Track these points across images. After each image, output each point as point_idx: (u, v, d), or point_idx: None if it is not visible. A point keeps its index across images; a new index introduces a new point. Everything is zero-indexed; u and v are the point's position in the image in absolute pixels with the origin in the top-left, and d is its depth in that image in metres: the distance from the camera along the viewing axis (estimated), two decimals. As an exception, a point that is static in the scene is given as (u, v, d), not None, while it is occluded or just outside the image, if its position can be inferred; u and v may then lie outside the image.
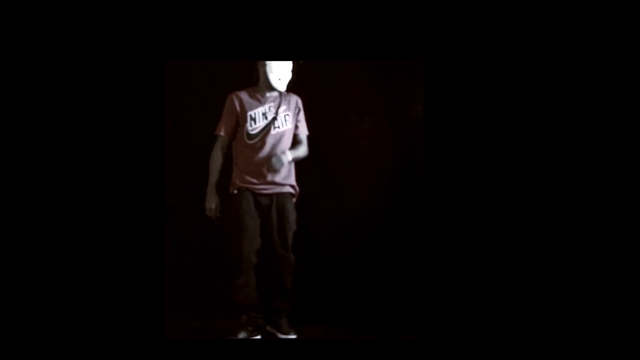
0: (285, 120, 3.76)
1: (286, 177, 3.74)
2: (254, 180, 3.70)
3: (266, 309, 3.77)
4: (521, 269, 3.30)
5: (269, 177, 3.70)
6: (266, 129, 3.73)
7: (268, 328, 3.75)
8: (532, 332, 3.28)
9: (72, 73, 3.29)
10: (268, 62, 3.71)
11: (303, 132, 3.83)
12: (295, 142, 3.81)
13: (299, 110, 3.82)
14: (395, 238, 4.03)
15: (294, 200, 3.80)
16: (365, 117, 4.13)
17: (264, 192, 3.71)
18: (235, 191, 3.72)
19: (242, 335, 3.64)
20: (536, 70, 3.31)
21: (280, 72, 3.72)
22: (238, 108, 3.73)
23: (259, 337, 3.68)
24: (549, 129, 3.31)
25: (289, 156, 3.70)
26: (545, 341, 3.28)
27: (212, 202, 3.72)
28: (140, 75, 3.32)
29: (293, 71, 3.78)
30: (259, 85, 3.77)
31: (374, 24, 3.37)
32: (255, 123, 3.71)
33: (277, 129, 3.73)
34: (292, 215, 3.75)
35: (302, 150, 3.80)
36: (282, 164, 3.66)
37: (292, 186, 3.78)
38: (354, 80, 4.11)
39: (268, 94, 3.76)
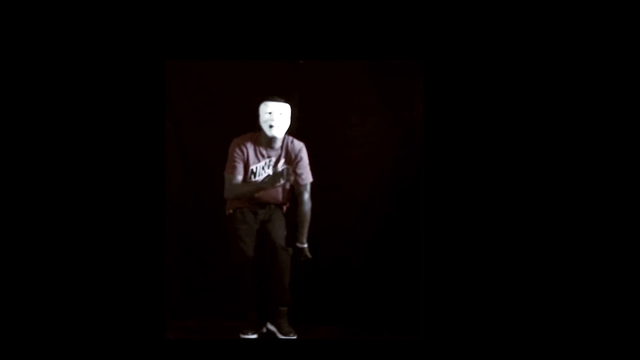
0: (287, 177, 3.78)
1: (277, 198, 3.81)
2: (250, 203, 3.78)
3: (267, 309, 3.78)
4: (521, 268, 3.30)
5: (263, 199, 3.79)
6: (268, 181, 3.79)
7: (269, 326, 3.75)
8: (532, 332, 3.28)
9: (73, 73, 3.29)
10: (263, 107, 3.69)
11: (306, 179, 3.80)
12: (298, 192, 3.80)
13: (300, 160, 3.78)
14: (395, 238, 4.02)
15: (284, 210, 3.86)
16: (365, 117, 4.13)
17: (258, 207, 3.79)
18: (231, 211, 3.78)
19: (248, 335, 3.67)
20: (536, 70, 3.31)
21: (272, 119, 3.68)
22: (245, 157, 3.74)
23: (254, 336, 3.69)
24: (548, 129, 3.31)
25: (305, 247, 3.80)
26: (545, 341, 3.28)
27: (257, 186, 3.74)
28: (140, 75, 3.33)
29: (293, 117, 3.75)
30: (261, 136, 3.74)
31: (374, 24, 3.37)
32: (255, 177, 3.75)
33: (276, 185, 3.77)
34: (282, 220, 3.81)
35: (306, 213, 3.80)
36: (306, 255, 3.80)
37: (283, 202, 3.85)
38: (354, 81, 4.10)
39: (269, 146, 3.75)
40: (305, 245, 3.80)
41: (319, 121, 3.97)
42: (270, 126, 3.69)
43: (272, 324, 3.74)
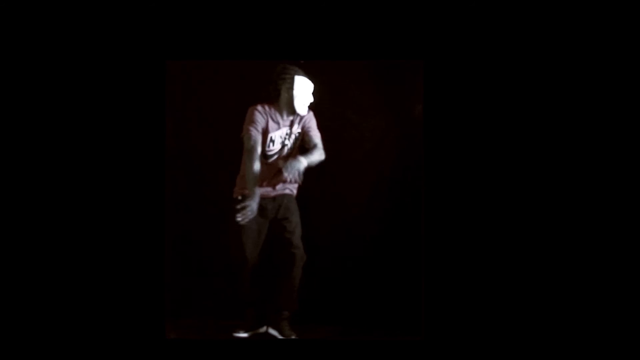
0: (295, 141, 3.77)
1: (289, 186, 3.76)
2: (260, 191, 3.71)
3: (268, 311, 3.75)
4: (521, 268, 3.30)
5: (278, 187, 3.73)
6: (281, 150, 3.75)
7: (270, 331, 3.74)
8: (532, 332, 3.28)
9: (73, 73, 3.29)
10: (295, 85, 3.68)
11: (315, 136, 3.77)
12: (309, 148, 3.76)
13: (307, 122, 3.77)
14: (395, 238, 4.02)
15: (295, 194, 3.80)
16: (365, 117, 4.13)
17: (267, 195, 3.72)
18: (240, 197, 3.72)
19: (244, 333, 3.65)
20: (536, 70, 3.31)
21: (305, 97, 3.69)
22: (264, 123, 3.69)
23: (246, 335, 3.68)
24: (549, 129, 3.31)
25: (303, 162, 3.59)
26: (545, 341, 3.28)
27: (255, 203, 3.57)
28: (140, 75, 3.33)
29: (314, 93, 3.76)
30: (280, 104, 3.71)
31: (374, 24, 3.37)
32: (273, 145, 3.72)
33: (286, 151, 3.75)
34: (296, 213, 3.75)
35: (318, 154, 3.72)
36: (295, 171, 3.56)
37: (293, 192, 3.80)
38: (354, 80, 4.10)
39: (287, 117, 3.73)
40: (305, 164, 3.60)
41: (319, 121, 3.97)
42: (302, 103, 3.68)
43: (274, 327, 3.71)
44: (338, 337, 3.67)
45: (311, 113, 3.80)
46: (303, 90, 3.69)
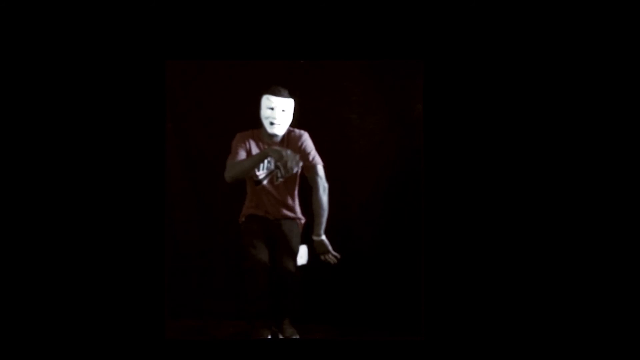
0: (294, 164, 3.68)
1: (292, 210, 3.75)
2: (261, 214, 3.71)
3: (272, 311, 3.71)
4: (521, 268, 3.30)
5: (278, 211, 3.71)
6: (271, 177, 3.70)
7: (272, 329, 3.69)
8: (532, 332, 3.28)
9: (73, 73, 3.29)
10: (265, 101, 3.62)
11: (314, 161, 3.69)
12: (310, 179, 3.71)
13: (304, 145, 3.68)
14: (395, 238, 4.02)
15: (300, 228, 3.77)
16: (365, 117, 4.13)
17: (271, 220, 3.72)
18: (244, 219, 3.74)
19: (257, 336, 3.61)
20: (536, 70, 3.31)
21: (274, 116, 3.60)
22: (247, 149, 3.67)
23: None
24: (549, 129, 3.31)
25: (324, 239, 3.63)
26: (546, 341, 3.28)
27: (276, 148, 3.55)
28: (140, 75, 3.33)
29: (295, 110, 3.68)
30: (262, 131, 3.69)
31: (373, 24, 3.37)
32: (259, 170, 3.67)
33: (280, 180, 3.69)
34: (296, 237, 3.71)
35: (320, 200, 3.65)
36: (325, 249, 3.62)
37: (299, 218, 3.78)
38: (354, 80, 4.10)
39: (270, 141, 3.68)
40: (323, 238, 3.64)
41: (319, 121, 3.97)
42: (271, 123, 3.62)
43: (276, 328, 3.68)
44: (338, 337, 3.67)
45: (304, 134, 3.73)
46: (273, 109, 3.61)
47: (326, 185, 3.70)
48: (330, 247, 3.66)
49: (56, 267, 3.26)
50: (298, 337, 3.61)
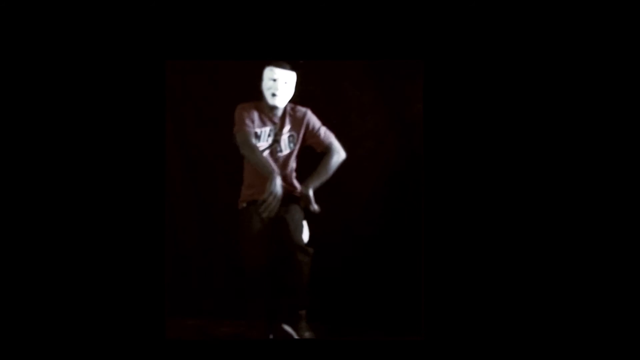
0: (290, 142, 3.68)
1: (292, 185, 3.69)
2: (259, 194, 3.56)
3: (283, 311, 3.66)
4: (521, 268, 3.30)
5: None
6: (271, 151, 3.66)
7: (284, 327, 3.63)
8: (532, 332, 3.29)
9: (72, 73, 3.29)
10: (267, 72, 3.59)
11: (327, 138, 3.67)
12: (322, 151, 3.67)
13: (309, 125, 3.66)
14: (395, 238, 4.03)
15: (301, 203, 3.65)
16: (365, 117, 4.13)
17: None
18: (244, 204, 3.67)
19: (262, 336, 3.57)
20: (536, 71, 3.31)
21: (276, 88, 3.58)
22: (249, 120, 3.62)
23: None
24: (549, 129, 3.31)
25: (308, 192, 3.52)
26: (546, 341, 3.28)
27: (277, 186, 3.41)
28: (140, 75, 3.33)
29: (297, 84, 3.65)
30: (263, 101, 3.65)
31: (373, 24, 3.37)
32: (259, 141, 3.63)
33: (279, 154, 3.66)
34: (299, 213, 3.60)
35: (333, 160, 3.62)
36: (309, 201, 3.52)
37: (298, 192, 3.67)
38: (354, 80, 4.11)
39: (271, 113, 3.65)
40: (310, 193, 3.53)
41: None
42: (273, 94, 3.58)
43: (289, 325, 3.58)
44: (337, 337, 3.68)
45: (308, 111, 3.71)
46: (276, 81, 3.58)
47: (343, 155, 3.65)
48: (313, 200, 3.53)
49: (56, 267, 3.26)
50: (314, 336, 3.54)
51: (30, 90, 3.28)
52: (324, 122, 3.89)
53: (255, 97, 3.72)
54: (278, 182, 3.44)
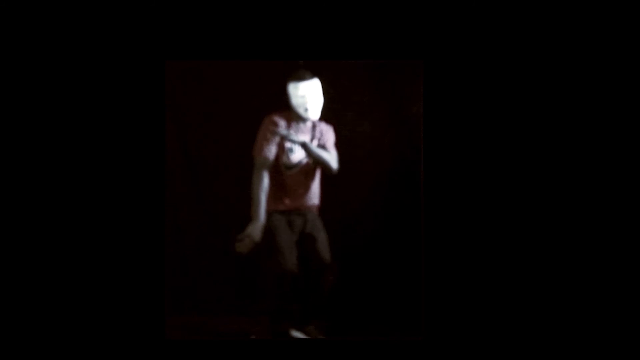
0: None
1: (312, 198, 3.73)
2: (284, 206, 3.67)
3: (297, 318, 3.68)
4: (521, 268, 3.30)
5: (303, 200, 3.68)
6: (304, 161, 3.70)
7: (293, 333, 3.65)
8: (532, 332, 3.28)
9: (72, 73, 3.29)
10: (293, 90, 3.62)
11: (330, 147, 3.73)
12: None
13: (326, 135, 3.71)
14: (395, 238, 4.02)
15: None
16: (364, 118, 4.12)
17: (292, 209, 3.70)
18: (269, 216, 3.69)
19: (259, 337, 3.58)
20: (536, 71, 3.31)
21: (308, 101, 3.62)
22: (271, 145, 3.64)
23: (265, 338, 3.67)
24: (549, 130, 3.31)
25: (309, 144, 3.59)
26: (546, 341, 3.28)
27: (257, 230, 3.56)
28: (140, 75, 3.32)
29: (324, 93, 3.67)
30: (292, 112, 3.67)
31: (373, 24, 3.37)
32: (292, 154, 3.66)
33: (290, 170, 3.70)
34: (323, 231, 3.69)
35: (327, 155, 3.68)
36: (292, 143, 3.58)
37: (316, 204, 3.76)
38: (354, 80, 4.10)
39: (302, 124, 3.68)
40: (307, 142, 3.61)
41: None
42: (306, 109, 3.62)
43: (300, 331, 3.62)
44: (337, 337, 3.67)
45: (330, 128, 3.75)
46: (304, 96, 3.62)
47: (335, 167, 3.70)
48: (297, 141, 3.60)
49: (56, 267, 3.26)
50: (324, 337, 3.55)
51: (31, 91, 3.28)
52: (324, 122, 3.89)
53: (256, 97, 3.71)
54: (259, 226, 3.54)
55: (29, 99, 3.28)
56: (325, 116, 4.07)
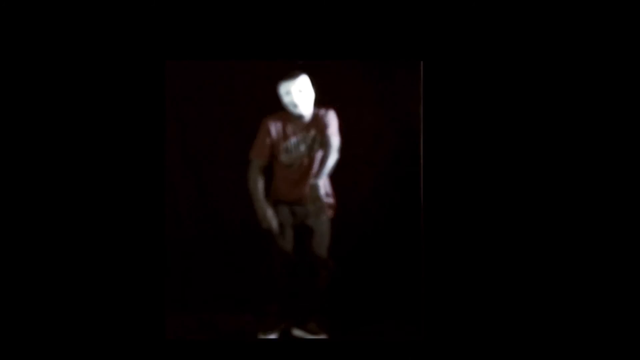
0: (313, 142, 3.72)
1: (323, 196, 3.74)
2: (289, 198, 3.70)
3: (295, 315, 3.69)
4: (521, 268, 3.30)
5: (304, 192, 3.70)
6: (301, 156, 3.71)
7: (295, 332, 3.66)
8: (532, 332, 3.29)
9: (72, 73, 3.29)
10: (282, 90, 3.63)
11: (331, 135, 3.71)
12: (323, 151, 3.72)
13: (327, 119, 3.71)
14: (395, 237, 4.02)
15: (329, 214, 3.76)
16: (364, 118, 4.13)
17: (296, 203, 3.71)
18: (273, 202, 3.72)
19: (268, 335, 3.59)
20: (536, 71, 3.31)
21: (294, 98, 3.62)
22: (274, 136, 3.67)
23: (274, 336, 3.67)
24: (548, 129, 3.31)
25: (318, 184, 3.63)
26: (546, 341, 3.28)
27: (266, 213, 3.63)
28: (140, 75, 3.33)
29: (314, 86, 3.68)
30: (287, 111, 3.68)
31: (373, 24, 3.37)
32: (289, 153, 3.68)
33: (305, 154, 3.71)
34: (325, 225, 3.71)
35: (330, 160, 3.69)
36: (316, 194, 3.62)
37: (329, 203, 3.76)
38: (353, 81, 4.10)
39: (297, 122, 3.69)
40: (319, 183, 3.65)
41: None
42: (295, 105, 3.63)
43: (300, 328, 3.64)
44: (337, 337, 3.67)
45: (331, 112, 3.75)
46: (289, 93, 3.62)
47: (336, 156, 3.70)
48: (320, 192, 3.66)
49: (56, 267, 3.26)
50: (326, 336, 3.57)
51: (31, 91, 3.28)
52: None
53: (256, 97, 3.72)
54: (270, 212, 3.62)
55: (29, 99, 3.28)
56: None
